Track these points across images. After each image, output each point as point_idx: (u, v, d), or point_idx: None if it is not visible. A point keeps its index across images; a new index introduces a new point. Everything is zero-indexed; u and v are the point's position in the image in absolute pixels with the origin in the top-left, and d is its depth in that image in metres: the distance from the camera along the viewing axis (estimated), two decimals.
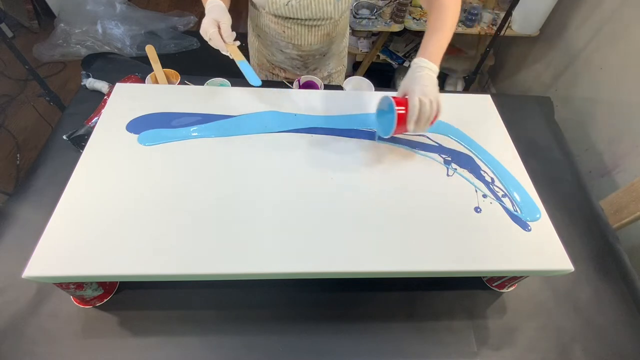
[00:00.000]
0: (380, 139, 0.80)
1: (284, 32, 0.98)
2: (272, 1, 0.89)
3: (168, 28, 2.49)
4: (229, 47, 0.75)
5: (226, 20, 0.75)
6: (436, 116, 0.70)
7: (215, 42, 0.75)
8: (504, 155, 0.80)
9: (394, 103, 0.69)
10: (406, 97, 0.69)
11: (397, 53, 2.08)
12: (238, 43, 0.78)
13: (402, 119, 0.69)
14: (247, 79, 0.75)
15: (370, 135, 0.81)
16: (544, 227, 0.69)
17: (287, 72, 1.13)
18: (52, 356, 0.65)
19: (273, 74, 1.16)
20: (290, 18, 0.93)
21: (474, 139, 0.83)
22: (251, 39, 1.14)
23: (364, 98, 0.90)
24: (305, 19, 0.93)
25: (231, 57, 0.77)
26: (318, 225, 0.65)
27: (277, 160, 0.74)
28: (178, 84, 0.95)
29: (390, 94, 0.91)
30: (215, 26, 0.74)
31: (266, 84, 1.14)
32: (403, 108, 0.69)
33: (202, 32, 0.75)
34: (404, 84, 0.72)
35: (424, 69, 0.70)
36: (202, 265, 0.59)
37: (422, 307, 0.77)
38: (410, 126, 0.68)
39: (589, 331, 0.76)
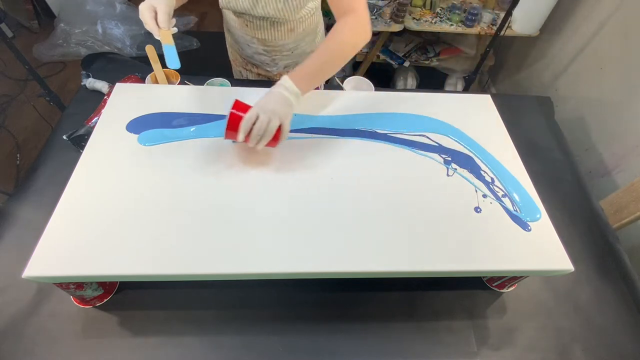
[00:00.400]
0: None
1: (246, 26, 0.97)
2: None
3: None
4: (161, 32, 0.75)
5: (164, 6, 0.74)
6: (277, 138, 0.68)
7: (149, 27, 0.75)
8: (504, 155, 0.80)
9: (232, 104, 0.67)
10: None
11: (397, 53, 2.08)
12: (175, 30, 0.78)
13: (234, 124, 0.66)
14: (166, 60, 0.75)
15: (370, 135, 0.81)
16: (544, 227, 0.69)
17: (259, 68, 1.12)
18: (52, 356, 0.65)
19: (247, 69, 1.16)
20: (248, 14, 0.93)
21: (474, 139, 0.83)
22: (225, 35, 1.15)
23: (364, 98, 0.90)
24: (259, 17, 0.92)
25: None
26: (318, 225, 0.65)
27: (277, 160, 0.74)
28: (178, 84, 0.95)
29: (391, 93, 0.92)
30: (152, 11, 0.74)
31: (266, 84, 1.14)
32: (241, 113, 0.66)
33: (140, 15, 0.76)
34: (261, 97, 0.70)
35: (280, 86, 0.69)
36: (202, 265, 0.59)
37: (422, 307, 0.77)
38: (240, 136, 0.65)
39: (589, 331, 0.76)
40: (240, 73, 1.19)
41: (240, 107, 0.68)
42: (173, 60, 0.76)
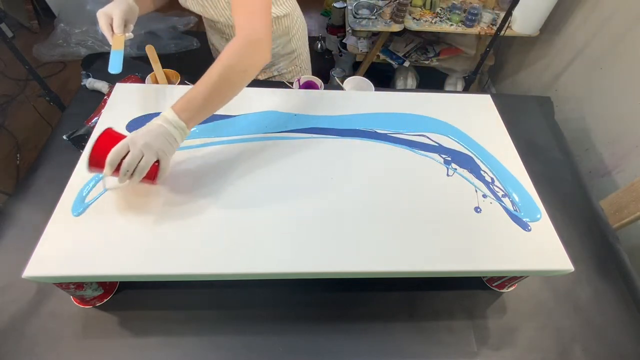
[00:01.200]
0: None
1: (215, 24, 0.99)
2: None
3: (168, 28, 2.49)
4: (114, 37, 0.76)
5: (118, 11, 0.74)
6: (154, 175, 0.61)
7: (103, 32, 0.75)
8: (504, 155, 0.80)
9: (97, 134, 0.59)
10: None
11: (397, 53, 2.08)
12: (131, 36, 0.78)
13: (98, 156, 0.58)
14: (109, 64, 0.75)
15: (370, 135, 0.81)
16: (544, 227, 0.69)
17: None
18: (52, 356, 0.65)
19: None
20: (211, 19, 0.95)
21: (474, 138, 0.83)
22: (209, 39, 1.16)
23: (364, 98, 0.90)
24: (214, 21, 0.94)
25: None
26: (318, 225, 0.65)
27: (277, 160, 0.74)
28: (178, 84, 0.95)
29: (391, 93, 0.92)
30: (108, 17, 0.75)
31: (266, 84, 1.14)
32: (107, 144, 0.57)
33: (98, 17, 0.76)
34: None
35: (163, 119, 0.60)
36: (203, 265, 0.59)
37: (422, 307, 0.77)
38: (106, 169, 0.57)
39: (589, 331, 0.76)
40: None
41: (114, 138, 0.60)
42: (115, 65, 0.74)
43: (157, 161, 0.60)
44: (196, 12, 0.94)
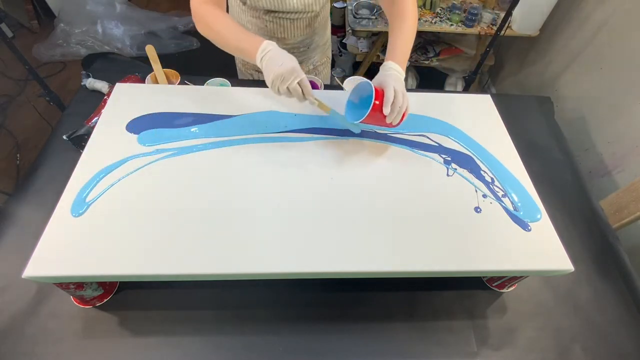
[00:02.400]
0: (347, 130, 0.80)
1: (265, 26, 0.97)
2: None
3: (168, 28, 2.49)
4: (319, 105, 0.74)
5: (299, 70, 0.68)
6: (405, 113, 0.73)
7: (300, 100, 0.71)
8: (504, 155, 0.80)
9: (372, 86, 0.70)
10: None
11: None
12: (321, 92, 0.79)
13: (377, 106, 0.69)
14: (350, 127, 0.79)
15: (370, 135, 0.81)
16: (544, 227, 0.69)
17: None
18: (52, 356, 0.65)
19: (259, 71, 1.15)
20: (271, 11, 0.93)
21: (474, 138, 0.83)
22: None
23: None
24: (286, 12, 0.93)
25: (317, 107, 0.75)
26: (318, 226, 0.65)
27: (277, 160, 0.74)
28: (178, 84, 0.95)
29: None
30: (296, 80, 0.68)
31: (265, 84, 1.14)
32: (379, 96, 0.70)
33: (292, 91, 0.69)
34: (378, 80, 0.74)
35: (394, 70, 0.74)
36: (202, 265, 0.59)
37: (422, 307, 0.77)
38: (387, 109, 0.68)
39: (589, 331, 0.76)
40: (252, 75, 1.18)
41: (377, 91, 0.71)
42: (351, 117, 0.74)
43: None
44: (269, 7, 0.90)
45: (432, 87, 2.20)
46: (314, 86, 0.99)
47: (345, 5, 2.28)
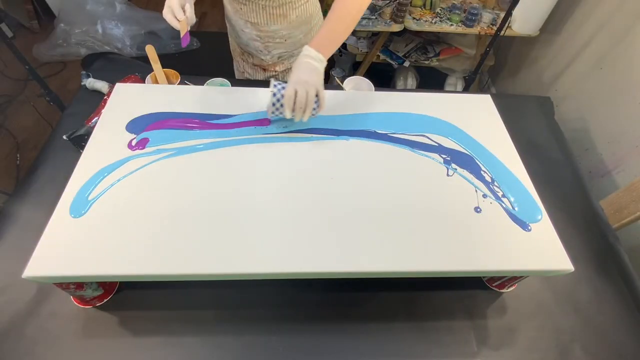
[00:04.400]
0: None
1: (240, 9, 0.99)
2: None
3: (168, 28, 2.47)
4: (180, 24, 0.77)
5: (175, 1, 0.76)
6: (319, 106, 0.74)
7: (173, 24, 0.76)
8: (504, 155, 0.80)
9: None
10: None
11: (397, 53, 2.08)
12: (191, 14, 0.79)
13: None
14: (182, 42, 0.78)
15: (370, 135, 0.81)
16: (544, 227, 0.69)
17: (254, 57, 1.13)
18: (52, 356, 0.65)
19: (243, 59, 1.17)
20: None
21: (474, 138, 0.83)
22: (226, 24, 1.15)
23: (364, 98, 0.90)
24: None
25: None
26: (318, 225, 0.65)
27: (277, 160, 0.74)
28: (178, 84, 0.95)
29: (391, 93, 0.92)
30: (170, 12, 0.76)
31: (266, 84, 1.14)
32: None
33: (166, 19, 0.77)
34: (291, 73, 0.75)
35: (306, 57, 0.73)
36: (202, 265, 0.59)
37: (422, 307, 0.77)
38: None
39: (589, 331, 0.76)
40: (239, 63, 1.20)
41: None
42: (184, 39, 0.78)
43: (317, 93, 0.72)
44: None
45: (432, 87, 2.21)
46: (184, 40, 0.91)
47: None
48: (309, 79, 0.72)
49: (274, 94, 0.73)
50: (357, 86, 1.02)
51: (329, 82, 2.22)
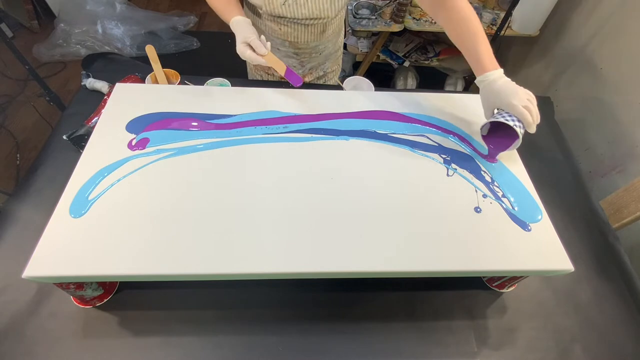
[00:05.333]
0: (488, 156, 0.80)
1: (279, 29, 0.97)
2: (269, 1, 0.89)
3: (168, 28, 2.49)
4: (266, 59, 0.78)
5: (252, 34, 0.78)
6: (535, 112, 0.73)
7: (254, 62, 0.78)
8: (504, 155, 0.80)
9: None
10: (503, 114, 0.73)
11: (397, 53, 2.08)
12: (269, 45, 0.81)
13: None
14: (292, 82, 0.81)
15: (370, 135, 0.81)
16: (544, 227, 0.69)
17: None
18: (52, 356, 0.65)
19: (269, 73, 1.15)
20: (286, 17, 0.93)
21: (474, 138, 0.83)
22: None
23: (364, 98, 0.90)
24: (302, 18, 0.93)
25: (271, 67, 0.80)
26: (318, 225, 0.65)
27: (277, 160, 0.74)
28: (178, 84, 0.95)
29: (391, 93, 0.92)
30: (248, 47, 0.77)
31: (266, 84, 1.14)
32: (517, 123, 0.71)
33: (240, 54, 0.80)
34: (491, 103, 0.75)
35: (498, 79, 0.73)
36: (202, 265, 0.59)
37: (422, 307, 0.77)
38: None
39: (589, 331, 0.76)
40: (262, 77, 1.19)
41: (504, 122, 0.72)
42: (295, 79, 0.82)
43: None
44: (281, 13, 0.92)
45: (432, 87, 2.20)
46: (297, 80, 0.92)
47: None
48: (521, 93, 0.71)
49: (516, 125, 0.71)
50: (357, 86, 1.02)
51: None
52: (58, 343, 0.67)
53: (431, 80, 2.27)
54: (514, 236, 0.67)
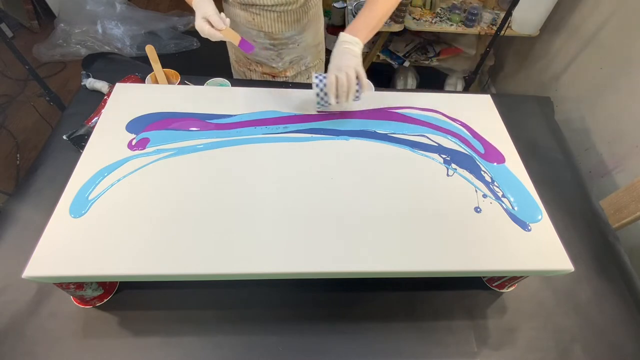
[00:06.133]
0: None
1: (253, 19, 0.98)
2: None
3: (168, 28, 2.49)
4: (223, 33, 0.77)
5: (211, 10, 0.77)
6: (361, 86, 0.75)
7: (213, 37, 0.77)
8: (504, 155, 0.80)
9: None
10: None
11: (397, 53, 2.08)
12: (228, 21, 0.79)
13: None
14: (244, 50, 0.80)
15: (370, 135, 0.81)
16: (544, 227, 0.69)
17: (264, 65, 1.12)
18: (52, 356, 0.65)
19: (250, 69, 1.16)
20: (256, 5, 0.94)
21: (474, 138, 0.83)
22: None
23: (364, 98, 0.89)
24: (270, 5, 0.93)
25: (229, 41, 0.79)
26: (318, 226, 0.65)
27: (277, 160, 0.74)
28: (178, 84, 0.95)
29: (391, 93, 0.92)
30: (206, 22, 0.76)
31: (267, 84, 1.14)
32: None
33: (199, 31, 0.78)
34: (332, 57, 0.77)
35: (342, 43, 0.75)
36: (202, 265, 0.59)
37: (422, 307, 0.77)
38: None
39: (589, 331, 0.76)
40: (244, 74, 1.19)
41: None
42: (247, 47, 0.80)
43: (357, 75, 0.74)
44: (250, 1, 0.94)
45: (432, 87, 2.21)
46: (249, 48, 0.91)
47: (345, 5, 2.28)
48: (347, 63, 0.73)
49: (317, 85, 0.75)
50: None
51: None
52: (58, 343, 0.67)
53: (431, 80, 2.27)
54: (514, 236, 0.67)
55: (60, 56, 2.30)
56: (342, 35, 0.76)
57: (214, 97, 0.85)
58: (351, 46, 0.75)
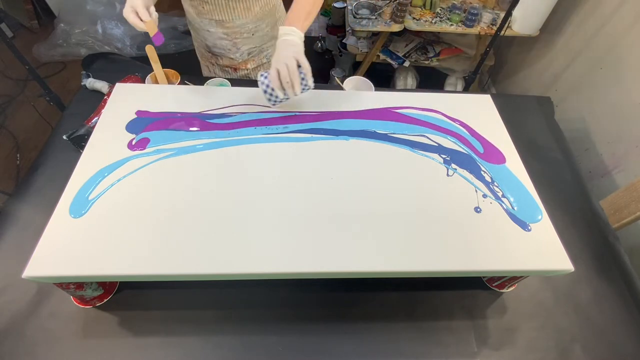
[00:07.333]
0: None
1: (203, 8, 0.99)
2: None
3: (168, 28, 2.49)
4: (145, 24, 0.77)
5: (140, 3, 0.77)
6: (306, 74, 0.75)
7: (136, 26, 0.77)
8: (504, 155, 0.80)
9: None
10: None
11: (397, 53, 2.08)
12: (155, 16, 0.79)
13: None
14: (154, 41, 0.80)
15: (370, 135, 0.81)
16: (544, 227, 0.69)
17: (223, 57, 1.12)
18: (52, 356, 0.65)
19: (212, 63, 1.16)
20: None
21: (474, 138, 0.82)
22: (190, 31, 1.15)
23: (363, 98, 0.90)
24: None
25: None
26: (318, 225, 0.65)
27: (277, 160, 0.74)
28: (178, 84, 0.95)
29: (390, 93, 0.92)
30: (133, 12, 0.76)
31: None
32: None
33: (125, 18, 0.78)
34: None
35: (282, 35, 0.77)
36: (202, 265, 0.59)
37: (422, 307, 0.77)
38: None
39: (589, 331, 0.76)
40: (208, 69, 1.19)
41: None
42: (158, 38, 0.80)
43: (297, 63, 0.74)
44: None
45: (432, 87, 2.20)
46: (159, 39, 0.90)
47: (345, 5, 2.28)
48: (285, 54, 0.74)
49: (262, 83, 0.76)
50: (357, 86, 1.02)
51: (329, 82, 2.22)
52: (58, 343, 0.67)
53: (431, 80, 2.27)
54: (514, 236, 0.67)
55: (60, 56, 2.30)
56: (281, 29, 0.77)
57: (214, 97, 0.85)
58: (288, 36, 0.76)
